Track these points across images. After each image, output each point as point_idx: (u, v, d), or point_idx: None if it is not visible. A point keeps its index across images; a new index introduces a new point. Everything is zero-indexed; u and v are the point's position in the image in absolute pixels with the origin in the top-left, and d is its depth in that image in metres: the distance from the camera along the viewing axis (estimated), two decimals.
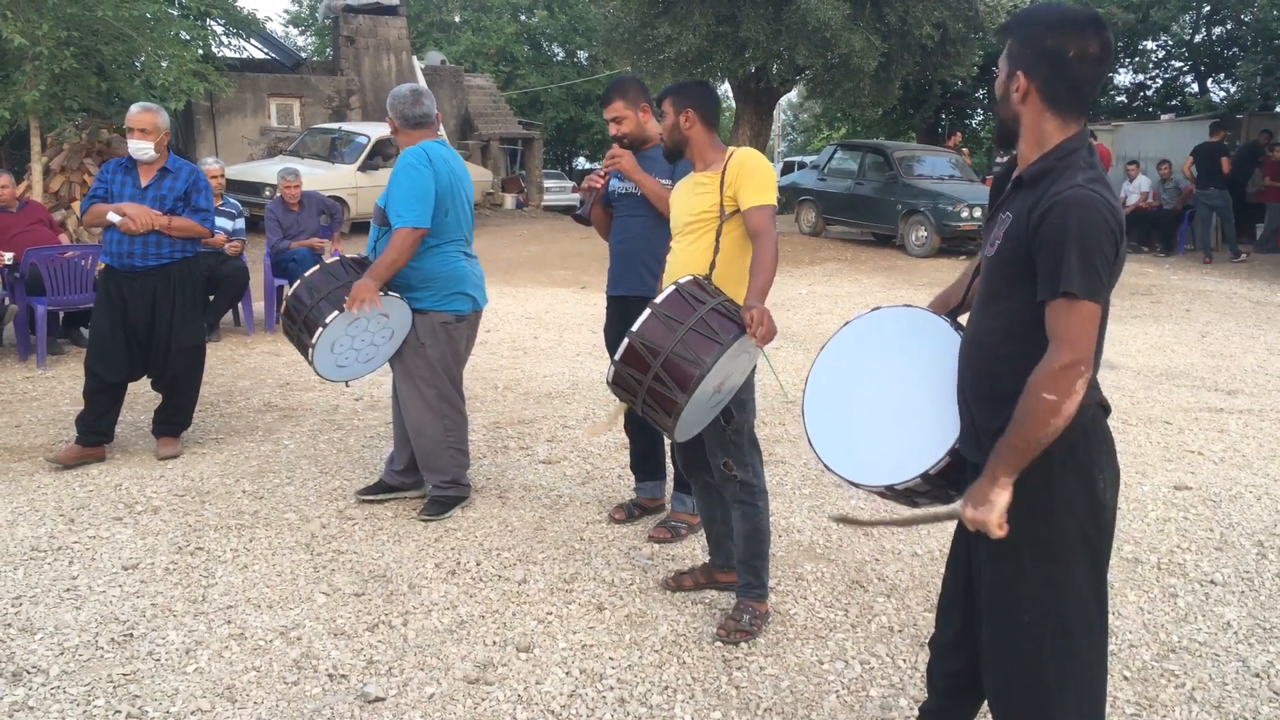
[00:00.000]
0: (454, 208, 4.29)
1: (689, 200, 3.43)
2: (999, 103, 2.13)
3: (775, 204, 3.32)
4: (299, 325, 4.18)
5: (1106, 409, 2.13)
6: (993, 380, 2.08)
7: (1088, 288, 1.90)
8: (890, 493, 2.34)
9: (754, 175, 3.29)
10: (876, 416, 2.40)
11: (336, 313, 4.06)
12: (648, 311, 3.04)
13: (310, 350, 4.12)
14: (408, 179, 4.12)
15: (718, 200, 3.33)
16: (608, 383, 3.18)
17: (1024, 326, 2.02)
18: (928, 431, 2.28)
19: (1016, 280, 2.03)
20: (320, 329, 4.06)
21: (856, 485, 2.38)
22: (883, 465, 2.31)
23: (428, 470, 4.50)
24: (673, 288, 3.09)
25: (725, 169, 3.34)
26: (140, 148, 4.99)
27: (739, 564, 3.51)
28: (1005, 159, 2.31)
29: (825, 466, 2.43)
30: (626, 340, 3.04)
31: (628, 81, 4.10)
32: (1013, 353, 2.04)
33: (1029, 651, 2.10)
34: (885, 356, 2.42)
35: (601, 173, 4.13)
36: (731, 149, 3.43)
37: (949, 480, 2.27)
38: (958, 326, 2.35)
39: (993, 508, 1.99)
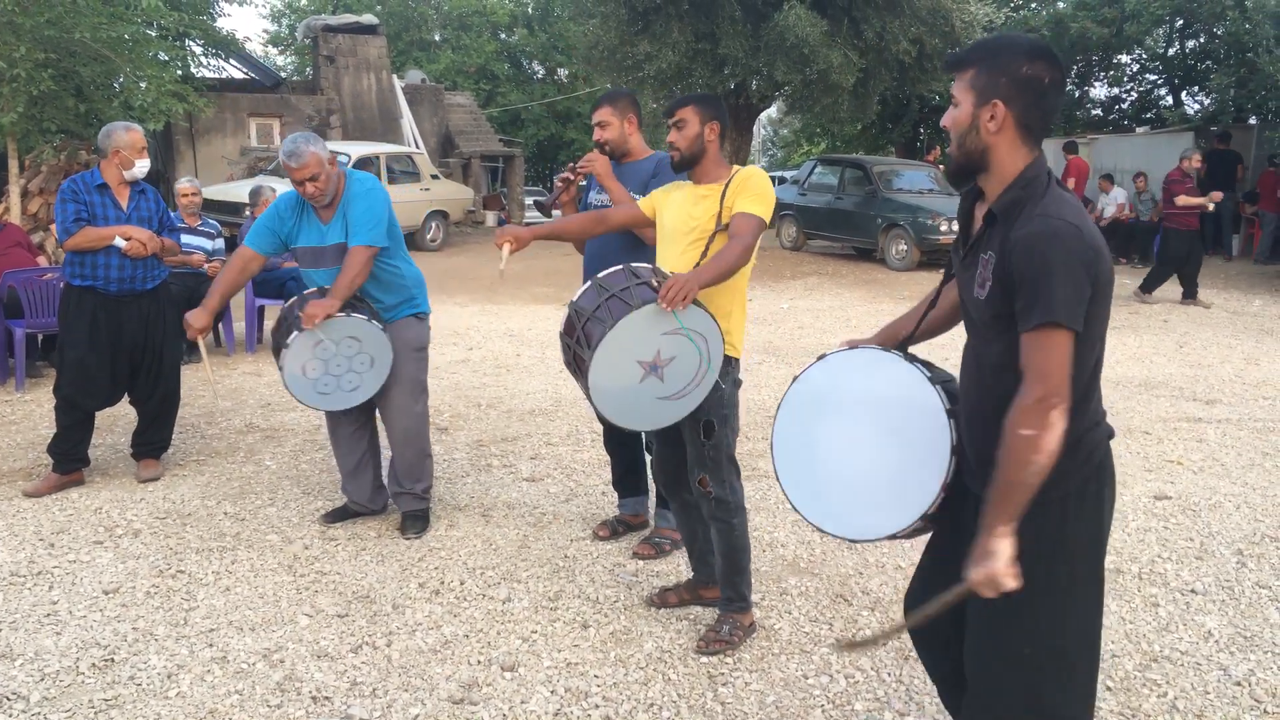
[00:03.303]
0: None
1: (688, 208, 3.40)
2: (963, 136, 2.08)
3: (765, 221, 3.29)
4: (276, 350, 4.23)
5: (1112, 436, 2.12)
6: (1001, 415, 2.04)
7: (1056, 313, 1.88)
8: (891, 539, 2.31)
9: (753, 188, 3.30)
10: (855, 469, 2.35)
11: (296, 333, 4.09)
12: (588, 283, 3.14)
13: (281, 372, 4.15)
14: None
15: (716, 211, 3.34)
16: (565, 363, 3.26)
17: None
18: (915, 474, 2.23)
19: (1010, 319, 2.01)
20: (284, 350, 4.11)
21: (856, 541, 2.36)
22: (876, 516, 2.28)
23: (413, 479, 4.47)
24: (620, 265, 3.16)
25: (729, 183, 3.35)
26: (147, 165, 5.02)
27: (719, 579, 3.53)
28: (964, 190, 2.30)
29: (823, 531, 2.40)
30: (567, 309, 3.14)
31: (621, 93, 4.15)
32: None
33: (1026, 681, 2.10)
34: (846, 407, 2.38)
35: (577, 169, 4.13)
36: (736, 166, 3.45)
37: (943, 513, 2.25)
38: (910, 358, 2.31)
39: (996, 558, 1.91)
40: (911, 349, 2.44)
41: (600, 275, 3.15)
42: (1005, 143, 2.04)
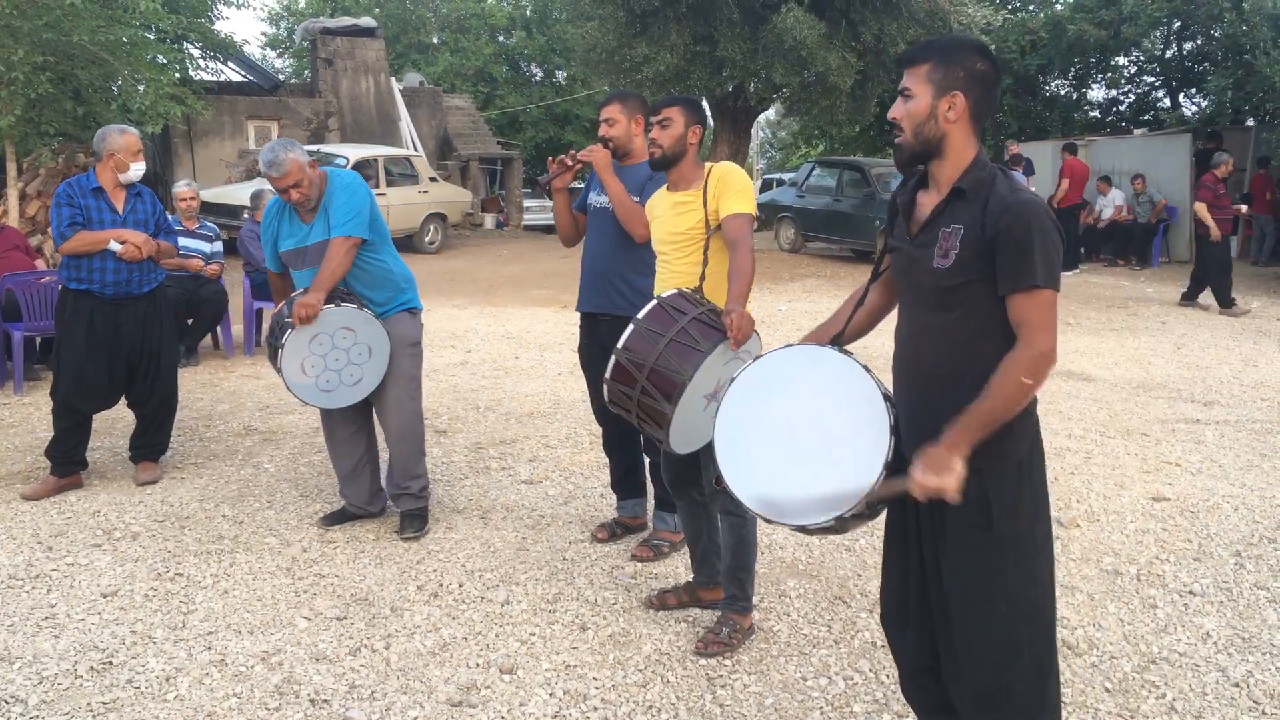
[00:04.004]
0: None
1: (671, 219, 3.48)
2: (920, 125, 2.24)
3: (753, 214, 3.37)
4: (272, 353, 4.22)
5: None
6: (978, 376, 2.18)
7: (1049, 278, 2.11)
8: (838, 523, 2.32)
9: (734, 186, 3.38)
10: (802, 454, 2.38)
11: (289, 330, 4.08)
12: (631, 326, 3.08)
13: (281, 374, 4.14)
14: None
15: (702, 216, 3.41)
16: (607, 402, 3.18)
17: (995, 321, 2.19)
18: (857, 455, 2.29)
19: (978, 284, 2.18)
20: (280, 350, 4.08)
21: (806, 526, 2.35)
22: (823, 501, 2.30)
23: (408, 478, 4.45)
24: (654, 302, 3.13)
25: (706, 184, 3.41)
26: (142, 168, 5.03)
27: (725, 576, 3.53)
28: (906, 180, 2.42)
29: (769, 521, 2.39)
30: (614, 357, 3.06)
31: (631, 94, 4.19)
32: (987, 349, 2.19)
33: (1006, 639, 2.26)
34: (785, 400, 2.42)
35: (577, 158, 4.12)
36: (709, 165, 3.50)
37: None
38: (844, 352, 2.41)
39: (954, 474, 2.11)
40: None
41: (641, 316, 3.08)
42: (960, 131, 2.23)
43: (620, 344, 3.07)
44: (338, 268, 4.14)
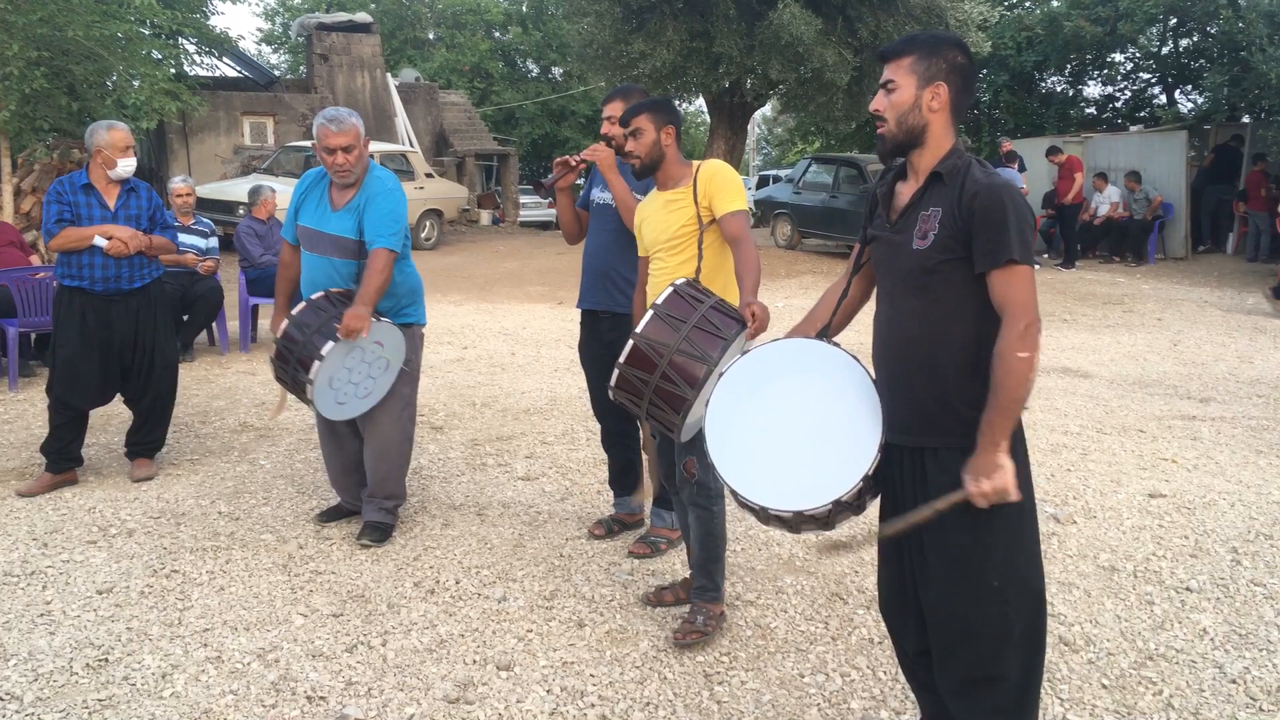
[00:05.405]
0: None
1: (663, 218, 3.47)
2: (904, 115, 2.33)
3: (747, 209, 3.37)
4: (293, 365, 3.98)
5: None
6: (962, 355, 2.26)
7: (1025, 254, 2.18)
8: (837, 506, 2.34)
9: (726, 184, 3.40)
10: (795, 442, 2.41)
11: (331, 343, 3.90)
12: (650, 313, 3.05)
13: (309, 387, 3.92)
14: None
15: (694, 213, 3.42)
16: (610, 388, 3.15)
17: (968, 300, 2.25)
18: (856, 440, 2.33)
19: (954, 263, 2.24)
20: (316, 362, 3.88)
21: (801, 512, 2.35)
22: (822, 485, 2.32)
23: (384, 496, 4.38)
24: (670, 289, 3.11)
25: (695, 181, 3.42)
26: (132, 165, 4.99)
27: (694, 567, 3.53)
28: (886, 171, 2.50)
29: (767, 510, 2.38)
30: (631, 342, 3.04)
31: (634, 89, 4.18)
32: (961, 328, 2.26)
33: (997, 613, 2.29)
34: (779, 391, 2.45)
35: (580, 158, 4.11)
36: (696, 163, 3.51)
37: (876, 480, 2.38)
38: (833, 344, 2.46)
39: (1006, 472, 2.16)
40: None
41: (660, 303, 3.06)
42: (940, 121, 2.33)
43: (639, 329, 3.04)
44: (384, 282, 4.05)
